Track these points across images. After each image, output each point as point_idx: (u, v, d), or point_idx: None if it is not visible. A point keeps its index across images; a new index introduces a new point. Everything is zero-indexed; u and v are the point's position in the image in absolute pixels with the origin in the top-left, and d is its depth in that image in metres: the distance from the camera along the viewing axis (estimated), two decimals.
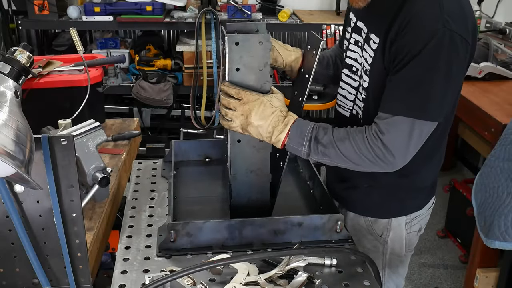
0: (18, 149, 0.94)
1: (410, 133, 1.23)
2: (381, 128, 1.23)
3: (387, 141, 1.22)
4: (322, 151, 1.26)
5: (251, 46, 1.24)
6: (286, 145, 1.28)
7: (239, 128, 1.28)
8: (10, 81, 1.05)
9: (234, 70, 1.26)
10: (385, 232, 1.51)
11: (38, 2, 3.40)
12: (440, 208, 3.52)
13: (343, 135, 1.26)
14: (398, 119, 1.22)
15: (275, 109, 1.26)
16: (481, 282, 2.46)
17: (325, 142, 1.26)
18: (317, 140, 1.26)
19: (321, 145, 1.26)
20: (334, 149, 1.25)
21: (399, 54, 1.22)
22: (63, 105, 1.76)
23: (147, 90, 3.62)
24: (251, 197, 1.39)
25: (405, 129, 1.22)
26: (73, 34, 1.83)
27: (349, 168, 1.29)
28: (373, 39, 1.32)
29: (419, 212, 1.52)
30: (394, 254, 1.55)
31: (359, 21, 1.40)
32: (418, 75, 1.21)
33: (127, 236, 1.37)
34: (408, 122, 1.22)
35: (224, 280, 1.17)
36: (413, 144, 1.24)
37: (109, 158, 1.73)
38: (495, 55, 2.84)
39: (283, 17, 3.72)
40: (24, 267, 1.14)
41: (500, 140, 1.89)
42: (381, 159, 1.24)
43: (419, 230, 1.56)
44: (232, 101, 1.26)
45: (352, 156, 1.25)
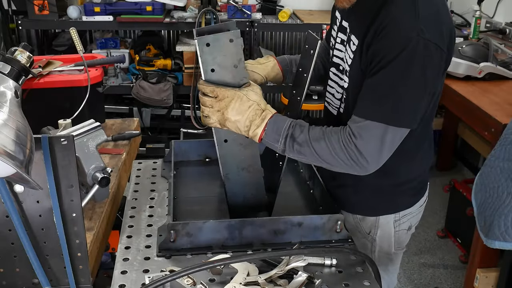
0: (18, 149, 0.94)
1: (383, 139, 1.23)
2: (354, 132, 1.24)
3: (360, 146, 1.23)
4: (297, 149, 1.27)
5: (222, 46, 1.23)
6: (262, 140, 1.28)
7: (217, 124, 1.28)
8: (10, 81, 1.05)
9: (209, 72, 1.26)
10: (373, 230, 1.52)
11: (38, 2, 3.40)
12: (440, 208, 3.52)
13: (319, 135, 1.26)
14: (371, 124, 1.23)
15: (252, 102, 1.26)
16: (481, 282, 2.46)
17: (300, 141, 1.26)
18: (293, 138, 1.26)
19: (297, 144, 1.26)
20: (309, 149, 1.25)
21: (375, 57, 1.23)
22: (63, 105, 1.76)
23: (147, 90, 3.62)
24: (246, 194, 1.39)
25: (378, 134, 1.23)
26: (73, 34, 1.83)
27: (325, 167, 1.30)
28: (353, 40, 1.33)
29: (409, 210, 1.52)
30: (382, 252, 1.55)
31: (344, 20, 1.41)
32: (391, 81, 1.21)
33: (127, 236, 1.37)
34: (380, 127, 1.22)
35: (224, 280, 1.17)
36: (385, 149, 1.25)
37: (109, 158, 1.73)
38: (495, 55, 2.84)
39: (283, 17, 3.72)
40: (24, 267, 1.14)
41: (500, 140, 1.89)
42: (355, 162, 1.24)
43: (409, 228, 1.56)
44: (207, 99, 1.27)
45: (326, 156, 1.26)
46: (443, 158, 4.01)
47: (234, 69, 1.26)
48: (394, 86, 1.21)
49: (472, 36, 3.52)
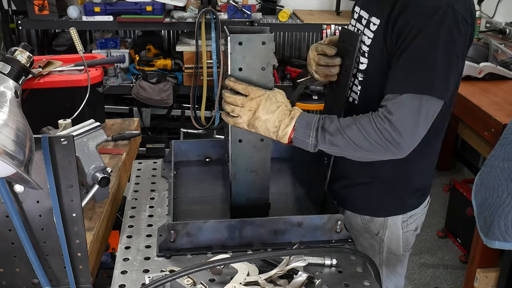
0: (18, 149, 0.94)
1: (418, 111, 1.21)
2: (388, 109, 1.22)
3: (395, 121, 1.21)
4: (329, 140, 1.25)
5: (254, 46, 1.24)
6: (293, 138, 1.27)
7: (245, 125, 1.28)
8: (10, 81, 1.05)
9: (237, 70, 1.26)
10: (381, 231, 1.52)
11: (38, 2, 3.40)
12: (440, 208, 3.52)
13: (350, 121, 1.25)
14: (406, 98, 1.21)
15: (280, 103, 1.27)
16: (481, 282, 2.46)
17: (332, 130, 1.25)
18: (324, 129, 1.25)
19: (328, 134, 1.25)
20: (342, 136, 1.24)
21: (403, 31, 1.23)
22: (63, 105, 1.76)
23: (147, 90, 3.62)
24: (250, 196, 1.39)
25: (413, 107, 1.21)
26: (73, 34, 1.83)
27: (360, 157, 1.28)
28: (373, 21, 1.33)
29: (415, 211, 1.52)
30: (391, 253, 1.55)
31: (361, 11, 1.41)
32: (422, 52, 1.21)
33: (127, 236, 1.37)
34: (415, 99, 1.21)
35: (224, 280, 1.17)
36: (421, 123, 1.22)
37: (109, 158, 1.73)
38: (495, 55, 2.84)
39: (283, 17, 3.72)
40: (24, 267, 1.14)
41: (500, 140, 1.89)
42: (390, 142, 1.22)
43: (415, 229, 1.56)
44: (239, 98, 1.26)
45: (360, 141, 1.23)
46: (443, 158, 4.00)
47: (261, 71, 1.27)
48: (425, 56, 1.21)
49: None
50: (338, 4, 4.06)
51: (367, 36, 1.35)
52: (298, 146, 1.30)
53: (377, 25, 1.32)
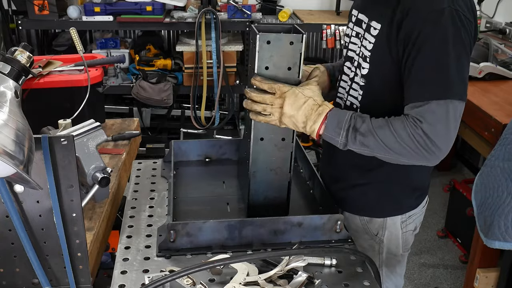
0: (18, 149, 0.94)
1: (447, 116, 1.21)
2: (417, 117, 1.21)
3: (428, 129, 1.20)
4: (360, 141, 1.24)
5: (281, 46, 1.24)
6: (322, 135, 1.27)
7: (277, 122, 1.28)
8: (10, 81, 1.05)
9: (263, 68, 1.26)
10: (381, 231, 1.52)
11: (38, 2, 3.40)
12: (440, 208, 3.52)
13: (382, 123, 1.24)
14: (433, 105, 1.21)
15: (307, 98, 1.26)
16: (481, 282, 2.46)
17: (363, 131, 1.24)
18: (355, 129, 1.24)
19: (360, 134, 1.24)
20: (374, 138, 1.23)
21: (409, 38, 1.23)
22: (63, 105, 1.76)
23: (147, 90, 3.62)
24: (268, 195, 1.40)
25: (442, 113, 1.21)
26: (73, 34, 1.83)
27: (391, 160, 1.27)
28: (374, 26, 1.32)
29: (414, 211, 1.52)
30: (390, 253, 1.55)
31: (360, 14, 1.41)
32: (436, 58, 1.21)
33: (127, 236, 1.37)
34: (441, 105, 1.20)
35: (224, 280, 1.17)
36: (452, 128, 1.22)
37: (109, 158, 1.73)
38: (495, 55, 2.84)
39: (283, 17, 3.72)
40: (24, 267, 1.14)
41: (500, 140, 1.89)
42: (424, 149, 1.21)
43: (414, 229, 1.56)
44: (268, 97, 1.26)
45: (393, 145, 1.23)
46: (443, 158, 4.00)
47: (287, 71, 1.27)
48: (439, 61, 1.21)
49: None
50: (338, 4, 4.06)
51: (368, 40, 1.34)
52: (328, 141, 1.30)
53: (378, 30, 1.31)
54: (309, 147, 3.70)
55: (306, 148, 3.62)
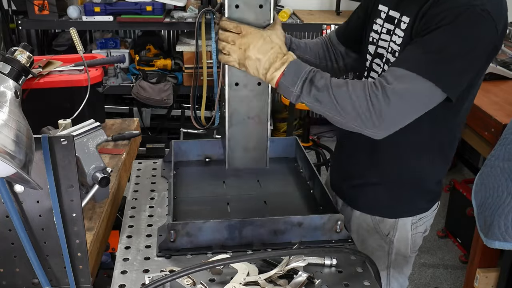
0: (18, 149, 0.94)
1: (417, 94, 1.18)
2: (387, 79, 1.19)
3: (390, 91, 1.16)
4: (314, 95, 1.20)
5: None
6: (279, 83, 1.23)
7: (235, 63, 1.24)
8: (10, 81, 1.05)
9: (233, 7, 1.23)
10: (392, 232, 1.52)
11: (38, 2, 3.40)
12: (440, 208, 3.51)
13: (342, 82, 1.21)
14: (411, 76, 1.17)
15: (274, 44, 1.22)
16: (481, 282, 2.46)
17: (320, 85, 1.20)
18: (312, 82, 1.21)
19: (315, 88, 1.20)
20: (328, 94, 1.19)
21: (430, 21, 1.21)
22: (63, 105, 1.76)
23: (147, 90, 3.62)
24: (247, 145, 1.35)
25: (415, 88, 1.17)
26: (73, 34, 1.83)
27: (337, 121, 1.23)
28: (404, 20, 1.32)
29: (425, 213, 1.53)
30: (399, 254, 1.55)
31: (391, 11, 1.39)
32: (443, 42, 1.18)
33: (127, 236, 1.37)
34: (420, 82, 1.17)
35: (224, 280, 1.17)
36: (414, 107, 1.20)
37: (109, 158, 1.73)
38: None
39: (283, 17, 3.72)
40: (24, 267, 1.14)
41: (500, 140, 1.89)
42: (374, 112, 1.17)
43: (424, 231, 1.56)
44: (230, 35, 1.23)
45: (345, 104, 1.18)
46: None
47: (258, 9, 1.22)
48: (444, 46, 1.18)
49: None
50: (338, 4, 4.06)
51: (398, 35, 1.33)
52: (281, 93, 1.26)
53: (407, 24, 1.30)
54: (309, 147, 3.70)
55: (306, 148, 3.62)
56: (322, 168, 3.71)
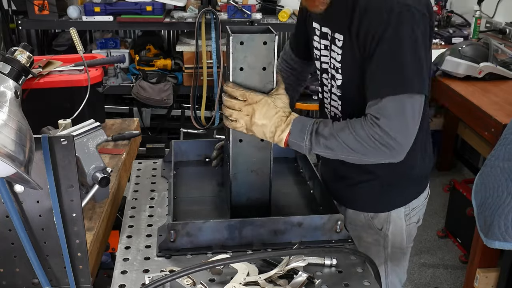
0: (18, 149, 0.94)
1: (403, 111, 1.23)
2: (374, 115, 1.24)
3: (384, 125, 1.22)
4: (323, 143, 1.27)
5: (255, 46, 1.25)
6: (288, 142, 1.29)
7: (243, 129, 1.29)
8: (10, 81, 1.05)
9: (238, 70, 1.27)
10: (385, 226, 1.52)
11: (38, 2, 3.40)
12: (440, 208, 3.52)
13: (343, 125, 1.27)
14: (387, 101, 1.23)
15: (278, 109, 1.28)
16: (481, 282, 2.46)
17: (326, 134, 1.26)
18: (318, 133, 1.27)
19: (322, 137, 1.26)
20: (336, 140, 1.25)
21: (368, 37, 1.26)
22: (63, 105, 1.76)
23: (147, 90, 3.62)
24: (250, 196, 1.39)
25: (397, 108, 1.23)
26: (73, 34, 1.83)
27: (356, 160, 1.29)
28: (338, 37, 1.35)
29: (417, 202, 1.54)
30: (395, 247, 1.56)
31: (323, 27, 1.42)
32: (389, 54, 1.23)
33: (127, 236, 1.37)
34: (397, 101, 1.23)
35: (224, 280, 1.17)
36: (410, 121, 1.24)
37: (109, 158, 1.73)
38: (495, 55, 2.84)
39: (283, 17, 3.72)
40: (24, 267, 1.14)
41: (500, 140, 1.89)
42: (384, 146, 1.23)
43: (417, 221, 1.58)
44: (236, 103, 1.27)
45: (354, 145, 1.25)
46: (443, 158, 4.01)
47: (262, 71, 1.27)
48: (393, 57, 1.23)
49: (472, 36, 3.52)
50: None
51: (336, 52, 1.37)
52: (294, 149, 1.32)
53: (342, 41, 1.34)
54: None
55: None
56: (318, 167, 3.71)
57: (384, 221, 1.52)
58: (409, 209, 1.53)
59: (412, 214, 1.54)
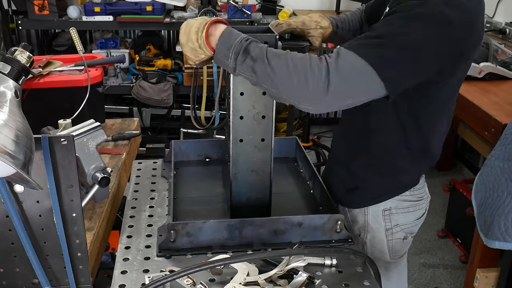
0: (18, 149, 0.94)
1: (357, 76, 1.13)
2: (332, 55, 1.14)
3: (332, 65, 1.11)
4: (249, 65, 1.14)
5: None
6: (214, 59, 1.19)
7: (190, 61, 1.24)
8: (10, 81, 1.05)
9: None
10: (363, 233, 1.52)
11: (38, 2, 3.40)
12: (440, 208, 3.52)
13: (282, 52, 1.15)
14: (353, 56, 1.13)
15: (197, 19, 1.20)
16: (481, 282, 2.46)
17: (255, 55, 1.13)
18: (247, 52, 1.14)
19: (250, 58, 1.14)
20: (264, 63, 1.12)
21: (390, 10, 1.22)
22: (63, 105, 1.76)
23: (147, 90, 3.62)
24: (251, 196, 1.39)
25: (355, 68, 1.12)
26: (73, 34, 1.83)
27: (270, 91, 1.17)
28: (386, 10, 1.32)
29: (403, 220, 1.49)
30: (374, 257, 1.49)
31: None
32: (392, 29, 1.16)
33: (127, 236, 1.37)
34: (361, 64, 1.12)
35: (224, 280, 1.17)
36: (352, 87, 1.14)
37: (109, 158, 1.73)
38: (495, 55, 2.84)
39: (283, 17, 3.72)
40: (24, 267, 1.14)
41: (500, 140, 1.89)
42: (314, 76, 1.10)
43: (404, 238, 1.53)
44: None
45: (281, 72, 1.12)
46: (443, 158, 4.01)
47: None
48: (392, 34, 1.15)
49: None
50: (338, 4, 4.06)
51: None
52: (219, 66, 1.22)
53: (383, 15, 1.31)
54: (309, 147, 3.70)
55: (306, 148, 3.62)
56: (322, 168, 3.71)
57: (362, 228, 1.51)
58: (391, 225, 1.49)
59: (395, 230, 1.50)
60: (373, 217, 1.49)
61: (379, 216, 1.49)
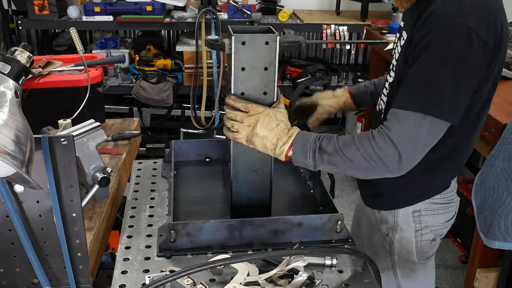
0: (18, 149, 0.94)
1: (418, 129, 1.19)
2: (388, 124, 1.21)
3: (393, 136, 1.19)
4: (327, 160, 1.24)
5: (257, 46, 1.25)
6: (293, 161, 1.27)
7: (244, 140, 1.28)
8: (10, 81, 1.05)
9: (239, 70, 1.27)
10: (391, 233, 1.52)
11: (38, 2, 3.40)
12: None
13: (349, 140, 1.24)
14: (406, 113, 1.19)
15: (279, 121, 1.27)
16: (481, 282, 2.46)
17: (330, 151, 1.23)
18: (322, 149, 1.24)
19: (326, 154, 1.23)
20: (340, 156, 1.22)
21: (416, 45, 1.22)
22: (63, 105, 1.76)
23: (147, 90, 3.62)
24: (251, 196, 1.39)
25: (413, 124, 1.19)
26: (73, 34, 1.83)
27: (358, 175, 1.30)
28: (403, 36, 1.33)
29: (432, 222, 1.51)
30: (402, 257, 1.53)
31: (401, 23, 1.41)
32: (431, 68, 1.19)
33: (127, 236, 1.37)
34: (416, 117, 1.18)
35: (224, 280, 1.17)
36: (421, 142, 1.20)
37: (109, 158, 1.73)
38: None
39: (283, 17, 3.72)
40: (24, 267, 1.14)
41: (500, 140, 1.89)
42: (386, 155, 1.19)
43: (433, 240, 1.54)
44: (239, 114, 1.27)
45: (358, 160, 1.21)
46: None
47: (264, 71, 1.27)
48: (433, 73, 1.18)
49: None
50: (338, 4, 4.06)
51: (397, 50, 1.36)
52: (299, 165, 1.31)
53: (405, 40, 1.31)
54: None
55: None
56: None
57: (390, 228, 1.52)
58: (421, 226, 1.50)
59: (424, 232, 1.51)
60: (403, 218, 1.50)
61: (409, 217, 1.49)
